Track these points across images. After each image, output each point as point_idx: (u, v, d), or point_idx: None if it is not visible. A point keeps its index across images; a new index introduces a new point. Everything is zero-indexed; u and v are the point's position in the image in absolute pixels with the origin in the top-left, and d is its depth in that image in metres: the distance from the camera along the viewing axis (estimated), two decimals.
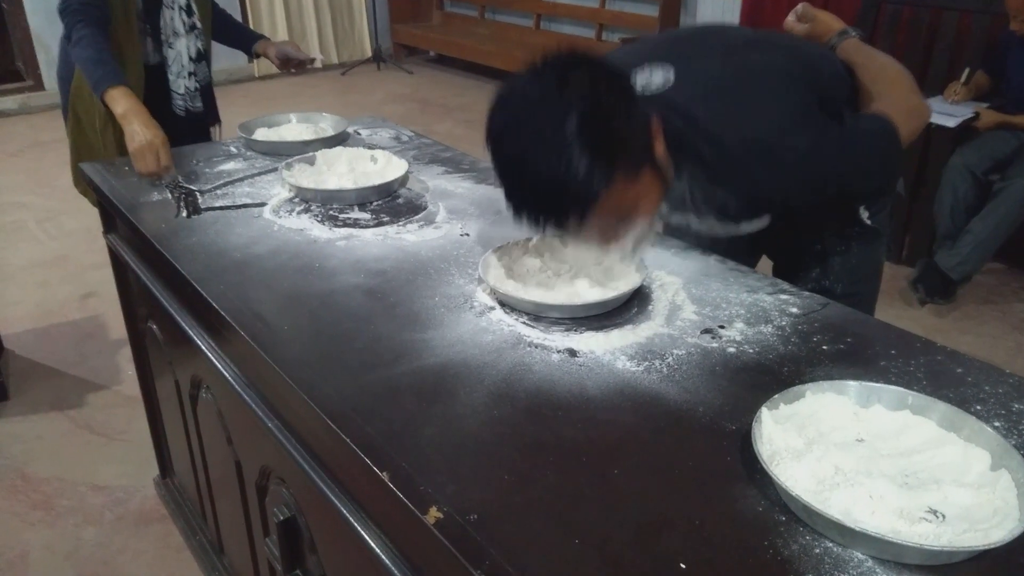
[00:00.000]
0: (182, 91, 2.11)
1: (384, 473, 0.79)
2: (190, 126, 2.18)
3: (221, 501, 1.58)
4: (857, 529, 0.66)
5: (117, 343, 2.70)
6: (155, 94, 2.03)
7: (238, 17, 6.11)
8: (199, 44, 2.10)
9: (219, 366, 1.25)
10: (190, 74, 2.11)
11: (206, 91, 2.20)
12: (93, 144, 2.03)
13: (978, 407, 0.88)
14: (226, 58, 2.42)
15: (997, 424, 0.85)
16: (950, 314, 2.90)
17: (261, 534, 1.32)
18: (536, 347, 1.01)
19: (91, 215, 2.12)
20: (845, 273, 1.37)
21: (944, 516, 0.71)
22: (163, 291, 1.45)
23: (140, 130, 1.65)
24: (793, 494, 0.70)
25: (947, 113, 3.02)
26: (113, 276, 1.83)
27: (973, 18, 3.29)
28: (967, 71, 3.17)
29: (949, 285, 2.90)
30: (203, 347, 1.30)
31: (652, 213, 1.09)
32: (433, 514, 0.73)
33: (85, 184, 1.80)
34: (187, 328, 1.35)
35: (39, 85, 5.57)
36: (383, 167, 1.60)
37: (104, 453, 2.22)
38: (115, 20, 1.92)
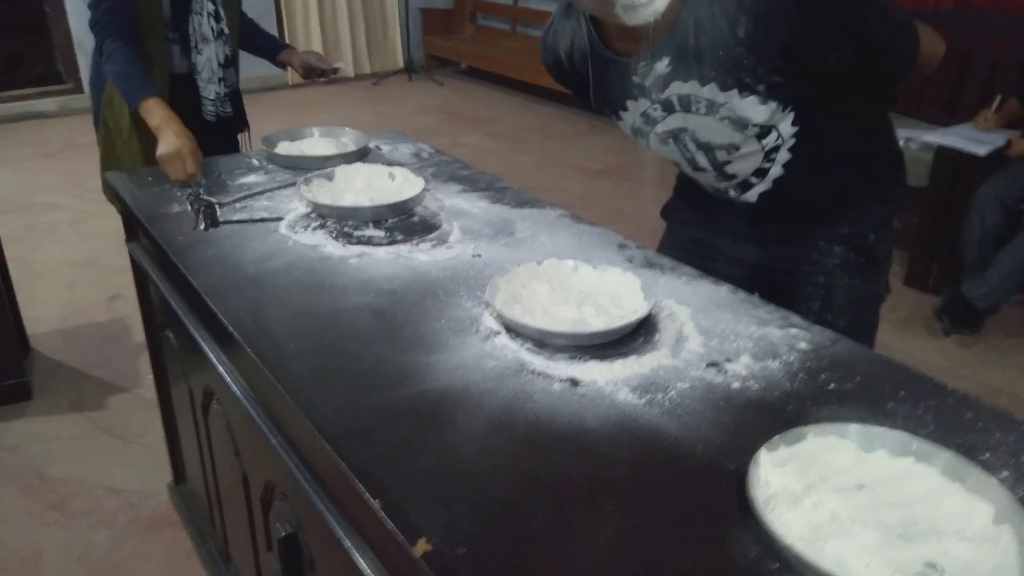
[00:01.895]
0: (212, 96, 2.15)
1: (376, 501, 0.79)
2: (220, 133, 2.22)
3: (229, 512, 1.59)
4: None
5: (139, 347, 2.73)
6: (183, 102, 2.06)
7: (273, 26, 6.25)
8: (227, 50, 2.14)
9: (228, 379, 1.26)
10: (220, 79, 2.15)
11: (234, 96, 2.24)
12: (120, 153, 2.07)
13: (987, 455, 0.86)
14: (261, 66, 2.46)
15: (1005, 474, 0.83)
16: (975, 345, 2.84)
17: (265, 548, 1.33)
18: (538, 375, 1.01)
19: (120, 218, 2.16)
20: (847, 307, 1.35)
21: (943, 571, 0.69)
22: (179, 302, 1.47)
23: (172, 138, 1.72)
24: (785, 543, 0.68)
25: (978, 141, 2.97)
26: (134, 281, 1.86)
27: (1008, 44, 3.24)
28: (999, 98, 3.12)
29: (975, 316, 2.84)
30: (214, 359, 1.31)
31: None
32: (422, 546, 0.73)
33: (112, 193, 1.84)
34: (200, 340, 1.36)
35: (78, 88, 5.69)
36: (400, 185, 1.61)
37: (121, 456, 2.25)
38: (142, 30, 1.96)
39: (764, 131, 1.21)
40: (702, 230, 1.47)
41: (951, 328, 2.86)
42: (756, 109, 1.19)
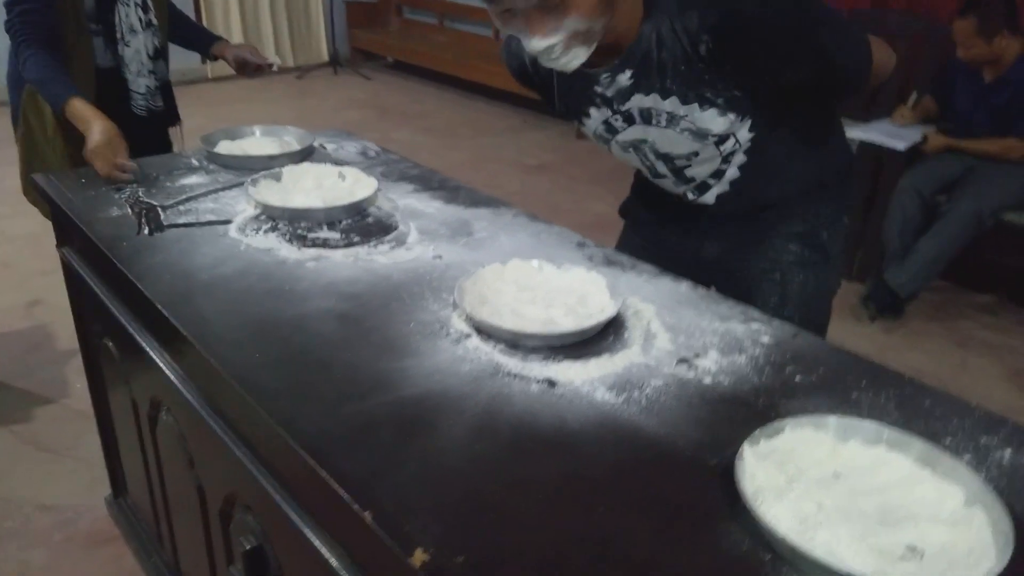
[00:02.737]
0: (143, 90, 2.08)
1: (367, 513, 0.78)
2: (150, 127, 2.14)
3: (180, 525, 1.53)
4: (843, 571, 0.67)
5: (65, 354, 2.61)
6: (110, 97, 1.99)
7: (191, 17, 6.02)
8: (156, 41, 2.07)
9: (183, 390, 1.22)
10: (150, 72, 2.07)
11: (165, 89, 2.17)
12: (44, 152, 1.97)
13: (948, 440, 0.90)
14: (180, 58, 2.38)
15: (967, 457, 0.87)
16: (898, 330, 2.98)
17: (224, 562, 1.29)
18: (515, 377, 1.01)
19: (37, 219, 2.05)
20: (803, 302, 1.40)
21: (923, 553, 0.72)
22: (122, 310, 1.40)
23: (95, 134, 1.67)
24: (779, 535, 0.70)
25: (897, 136, 3.12)
26: (65, 288, 1.76)
27: (923, 44, 3.40)
28: (915, 95, 3.28)
29: (898, 302, 2.99)
30: (165, 370, 1.26)
31: (582, 16, 1.09)
32: (419, 556, 0.72)
33: (36, 194, 1.75)
34: (148, 349, 1.31)
35: None
36: (352, 184, 1.58)
37: (52, 470, 2.14)
38: (63, 21, 1.87)
39: (722, 139, 1.25)
40: (660, 228, 1.50)
41: (876, 314, 3.00)
42: (716, 121, 1.22)
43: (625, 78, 1.22)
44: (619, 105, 1.26)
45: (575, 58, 1.15)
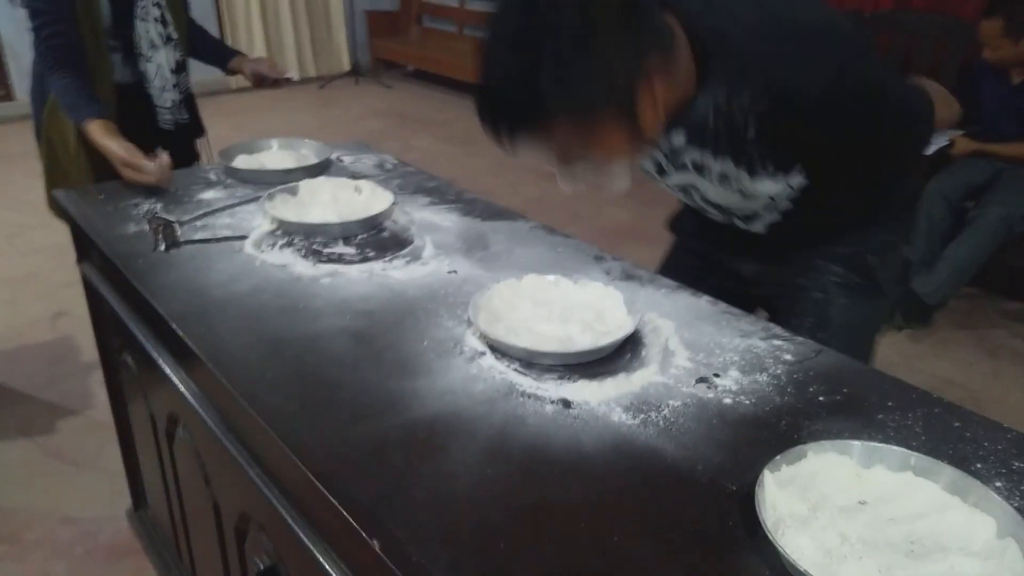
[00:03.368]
0: (168, 104, 2.09)
1: (374, 541, 0.76)
2: (177, 141, 2.15)
3: (198, 540, 1.53)
4: None
5: (89, 366, 2.63)
6: (134, 113, 2.00)
7: (214, 29, 6.09)
8: (177, 55, 2.08)
9: (197, 407, 1.21)
10: (174, 86, 2.09)
11: (189, 101, 2.18)
12: (67, 169, 1.98)
13: (978, 465, 0.87)
14: (202, 70, 2.39)
15: (998, 484, 0.84)
16: (927, 339, 2.92)
17: None
18: (529, 397, 0.99)
19: (63, 231, 2.05)
20: (842, 330, 1.31)
21: None
22: (139, 326, 1.41)
23: (110, 152, 1.71)
24: (802, 569, 0.68)
25: None
26: (86, 302, 1.77)
27: (947, 46, 3.34)
28: None
29: (925, 310, 2.93)
30: (181, 387, 1.26)
31: (615, 160, 1.04)
32: None
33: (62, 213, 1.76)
34: (164, 366, 1.31)
35: (8, 95, 5.45)
36: (368, 198, 1.57)
37: (74, 483, 2.15)
38: (82, 39, 1.89)
39: (774, 194, 1.23)
40: (705, 243, 1.47)
41: (903, 323, 2.94)
42: (766, 184, 1.19)
43: (678, 137, 1.18)
44: (670, 157, 1.23)
45: (616, 180, 1.08)
